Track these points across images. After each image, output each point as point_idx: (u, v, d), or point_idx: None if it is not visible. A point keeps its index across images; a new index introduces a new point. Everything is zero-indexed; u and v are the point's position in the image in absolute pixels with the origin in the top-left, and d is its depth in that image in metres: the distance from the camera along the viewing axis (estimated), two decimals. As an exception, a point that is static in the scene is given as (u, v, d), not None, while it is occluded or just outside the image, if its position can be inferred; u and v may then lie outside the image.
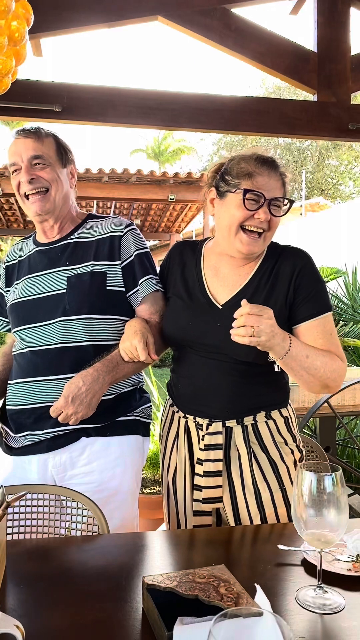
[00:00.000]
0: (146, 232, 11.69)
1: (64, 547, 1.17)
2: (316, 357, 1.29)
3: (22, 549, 1.15)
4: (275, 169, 1.34)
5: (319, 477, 0.91)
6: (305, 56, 3.15)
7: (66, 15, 2.77)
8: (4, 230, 11.01)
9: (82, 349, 1.44)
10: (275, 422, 1.39)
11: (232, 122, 3.09)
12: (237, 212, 1.32)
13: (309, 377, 1.30)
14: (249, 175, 1.31)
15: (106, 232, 1.54)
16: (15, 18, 1.54)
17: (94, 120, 2.94)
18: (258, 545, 1.17)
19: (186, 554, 1.13)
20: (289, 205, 1.37)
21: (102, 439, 1.46)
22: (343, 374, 1.33)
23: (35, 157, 1.48)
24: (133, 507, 1.53)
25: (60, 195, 1.52)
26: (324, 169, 23.51)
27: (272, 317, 1.20)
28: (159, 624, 0.80)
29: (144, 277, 1.51)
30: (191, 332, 1.38)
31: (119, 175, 7.68)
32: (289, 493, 1.36)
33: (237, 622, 0.56)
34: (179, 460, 1.45)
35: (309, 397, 2.73)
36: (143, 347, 1.32)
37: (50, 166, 1.50)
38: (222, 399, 1.37)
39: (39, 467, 1.47)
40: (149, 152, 26.10)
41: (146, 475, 3.11)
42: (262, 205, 1.30)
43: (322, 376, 1.30)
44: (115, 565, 1.06)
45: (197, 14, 2.96)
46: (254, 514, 1.36)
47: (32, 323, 1.49)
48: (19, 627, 0.71)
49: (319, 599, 0.91)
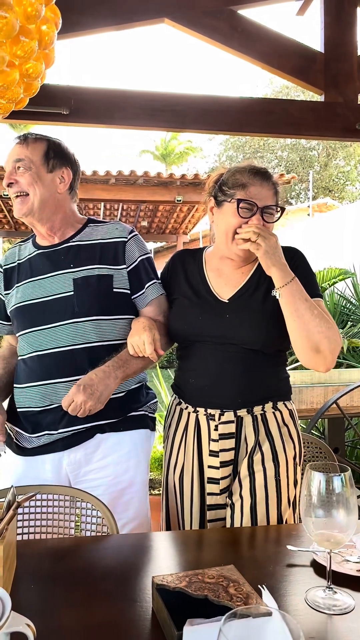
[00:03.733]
0: (153, 233, 11.72)
1: (74, 547, 1.17)
2: (315, 307, 1.36)
3: (33, 549, 1.16)
4: (267, 179, 1.44)
5: (327, 478, 0.91)
6: (312, 56, 3.14)
7: (74, 19, 2.79)
8: (12, 232, 11.09)
9: (93, 350, 1.48)
10: (281, 413, 1.46)
11: (239, 123, 3.09)
12: (232, 220, 1.43)
13: (302, 325, 1.34)
14: (242, 185, 1.42)
15: (110, 237, 1.58)
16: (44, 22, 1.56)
17: (102, 123, 2.95)
18: (267, 545, 1.17)
19: (195, 554, 1.13)
20: (281, 213, 1.46)
21: (115, 435, 1.51)
22: (338, 346, 1.37)
23: (17, 160, 1.51)
24: (146, 499, 1.58)
25: (40, 199, 1.52)
26: (331, 169, 23.44)
27: (279, 242, 1.39)
28: (168, 624, 0.80)
29: (150, 281, 1.58)
30: (200, 326, 1.46)
31: (126, 177, 7.70)
32: (282, 485, 1.40)
33: (247, 621, 0.56)
34: (186, 458, 1.48)
35: (318, 399, 2.73)
36: (150, 341, 1.39)
37: (30, 171, 1.51)
38: (233, 389, 1.42)
39: (53, 465, 1.50)
40: (156, 154, 26.14)
41: (154, 476, 3.12)
42: (255, 212, 1.41)
43: (315, 330, 1.34)
44: (125, 565, 1.07)
45: (203, 16, 2.96)
46: (245, 499, 1.38)
47: (39, 326, 1.51)
48: (30, 626, 0.71)
49: (328, 600, 0.91)
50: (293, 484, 1.43)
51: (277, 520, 1.38)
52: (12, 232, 11.07)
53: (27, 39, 1.51)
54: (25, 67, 1.55)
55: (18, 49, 1.49)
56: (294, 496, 1.43)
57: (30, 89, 1.67)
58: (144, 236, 11.52)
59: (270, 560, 1.07)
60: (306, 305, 1.35)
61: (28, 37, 1.51)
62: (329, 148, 23.03)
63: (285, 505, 1.40)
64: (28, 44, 1.51)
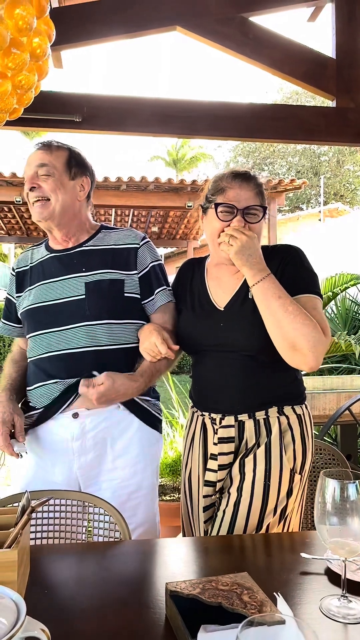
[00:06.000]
0: (164, 239, 11.76)
1: (87, 552, 1.18)
2: (290, 304, 1.32)
3: (46, 554, 1.16)
4: (247, 181, 1.45)
5: (342, 485, 0.90)
6: (323, 62, 3.15)
7: (87, 28, 2.82)
8: (24, 238, 11.18)
9: (105, 353, 1.50)
10: (287, 418, 1.43)
11: (250, 129, 3.10)
12: (215, 224, 1.45)
13: (275, 322, 1.33)
14: (221, 190, 1.45)
15: (122, 243, 1.60)
16: (37, 35, 1.57)
17: (114, 130, 2.97)
18: (280, 553, 1.16)
19: (207, 561, 1.13)
20: (263, 213, 1.46)
21: (122, 441, 1.52)
22: (320, 343, 1.31)
23: (40, 165, 1.54)
24: (154, 504, 1.58)
25: (61, 205, 1.55)
26: (341, 174, 23.35)
27: (254, 239, 1.40)
28: (182, 631, 0.80)
29: (159, 287, 1.60)
30: (197, 336, 1.50)
31: (137, 183, 7.74)
32: (271, 491, 1.37)
33: (264, 629, 0.56)
34: (194, 461, 1.51)
35: (330, 405, 2.71)
36: (161, 341, 1.42)
37: (53, 177, 1.54)
38: (233, 394, 1.43)
39: (63, 469, 1.51)
40: (167, 160, 26.25)
41: (165, 482, 3.11)
42: (236, 214, 1.42)
43: (290, 327, 1.31)
44: (138, 572, 1.06)
45: (215, 23, 2.98)
46: (232, 495, 1.38)
47: (51, 328, 1.53)
48: (45, 631, 0.71)
49: (343, 609, 0.91)
50: (285, 494, 1.38)
51: (257, 525, 1.35)
52: (24, 237, 11.18)
53: (19, 51, 1.52)
54: (17, 79, 1.57)
55: (9, 61, 1.51)
56: (283, 506, 1.38)
57: (24, 100, 1.69)
58: (155, 242, 11.55)
59: (284, 568, 1.06)
60: (279, 302, 1.32)
61: (20, 49, 1.52)
62: (339, 154, 22.97)
63: (269, 511, 1.36)
64: (20, 56, 1.52)
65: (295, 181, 8.03)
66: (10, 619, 0.69)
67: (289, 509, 1.39)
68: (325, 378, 3.11)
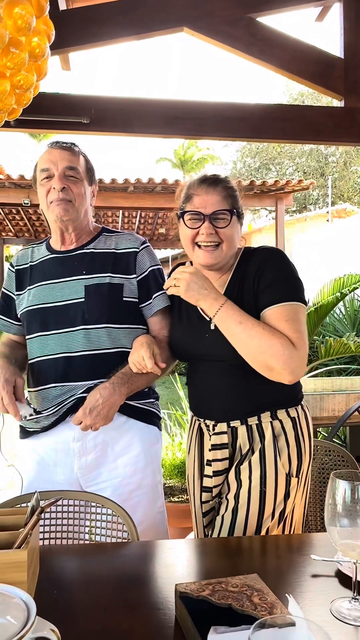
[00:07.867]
0: (171, 240, 11.76)
1: (96, 553, 1.18)
2: (252, 327, 1.31)
3: (55, 554, 1.16)
4: (214, 185, 1.44)
5: (353, 487, 0.89)
6: (331, 62, 3.13)
7: (95, 30, 2.83)
8: (32, 240, 11.23)
9: (107, 356, 1.51)
10: (281, 422, 1.41)
11: (258, 130, 3.09)
12: (186, 231, 1.45)
13: (243, 348, 1.33)
14: (188, 197, 1.45)
15: (123, 247, 1.62)
16: (36, 34, 1.58)
17: (121, 131, 2.98)
18: (290, 555, 1.16)
19: (216, 562, 1.12)
20: (231, 217, 1.42)
21: (123, 441, 1.54)
22: (291, 358, 1.29)
23: (70, 168, 1.55)
24: (156, 503, 1.59)
25: (83, 209, 1.59)
26: (349, 175, 23.26)
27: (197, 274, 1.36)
28: (192, 632, 0.79)
29: (157, 292, 1.60)
30: (186, 346, 1.50)
31: (145, 185, 7.74)
32: (268, 496, 1.36)
33: (275, 631, 0.56)
34: (189, 465, 1.54)
35: (339, 406, 2.69)
36: (149, 356, 1.38)
37: (81, 181, 1.57)
38: (223, 402, 1.43)
39: (65, 469, 1.53)
40: (174, 162, 26.28)
41: (174, 483, 3.11)
42: (204, 221, 1.40)
43: (257, 351, 1.30)
44: (147, 573, 1.06)
45: (222, 24, 2.98)
46: (230, 502, 1.37)
47: (50, 330, 1.54)
48: (55, 631, 0.71)
49: (354, 611, 0.90)
50: (283, 497, 1.37)
51: (256, 530, 1.35)
52: (32, 239, 11.22)
53: (18, 51, 1.52)
54: (16, 79, 1.58)
55: (8, 60, 1.51)
56: (281, 509, 1.37)
57: (22, 100, 1.70)
58: (162, 243, 11.59)
59: (294, 570, 1.06)
60: (241, 328, 1.31)
61: (18, 48, 1.52)
62: (346, 155, 22.88)
63: (267, 516, 1.35)
64: (18, 55, 1.53)
65: (302, 182, 8.00)
66: (20, 619, 0.69)
67: (287, 510, 1.39)
68: (334, 379, 3.09)
